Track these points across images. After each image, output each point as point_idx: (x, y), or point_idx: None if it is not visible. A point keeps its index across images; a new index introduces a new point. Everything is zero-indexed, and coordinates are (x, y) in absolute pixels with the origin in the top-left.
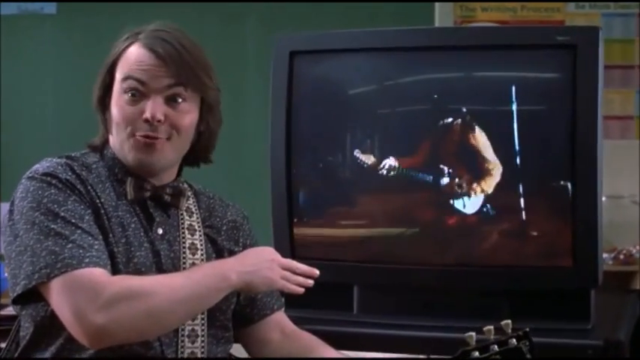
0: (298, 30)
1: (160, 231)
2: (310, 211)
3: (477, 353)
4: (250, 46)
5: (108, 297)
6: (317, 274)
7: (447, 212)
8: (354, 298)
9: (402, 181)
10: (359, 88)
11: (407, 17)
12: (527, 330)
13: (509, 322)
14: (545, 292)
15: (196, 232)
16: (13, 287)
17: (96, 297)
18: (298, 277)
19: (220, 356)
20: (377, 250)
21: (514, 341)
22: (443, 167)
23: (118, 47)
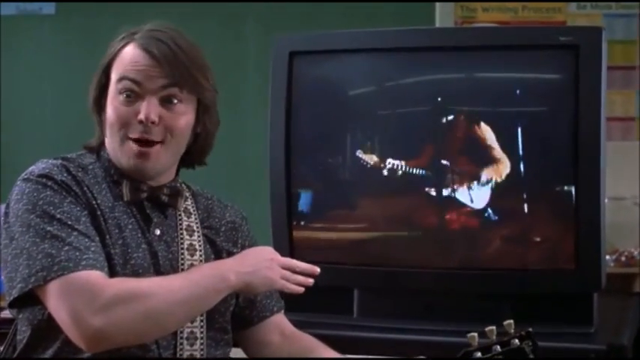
0: (298, 30)
1: (158, 232)
2: (310, 213)
3: (479, 354)
4: (250, 46)
5: (105, 299)
6: (318, 271)
7: (449, 215)
8: (355, 301)
9: (403, 184)
10: (359, 89)
11: (407, 17)
12: (529, 330)
13: (511, 322)
14: (548, 295)
15: (195, 233)
16: (9, 291)
17: (93, 300)
18: (298, 277)
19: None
20: (377, 253)
21: (517, 341)
22: (444, 169)
23: (114, 47)
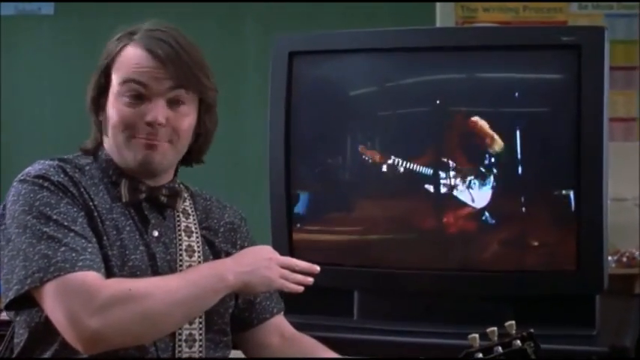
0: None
1: (156, 233)
2: (310, 214)
3: (480, 355)
4: (250, 46)
5: (102, 301)
6: (317, 270)
7: (449, 216)
8: (355, 303)
9: (403, 185)
10: (359, 90)
11: (407, 18)
12: (531, 331)
13: (512, 323)
14: (550, 297)
15: (193, 234)
16: (5, 293)
17: (90, 301)
18: (297, 276)
19: None
20: (378, 254)
21: (518, 342)
22: (445, 170)
23: (112, 48)
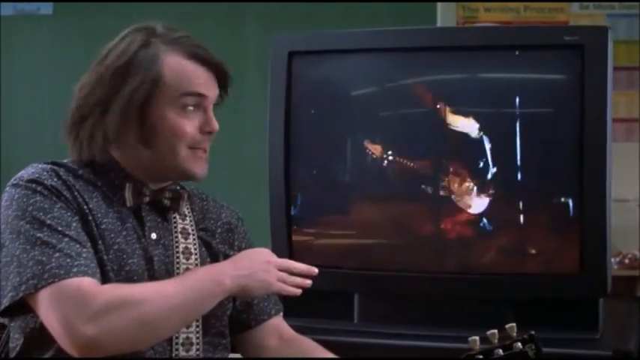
0: (297, 30)
1: (154, 236)
2: (309, 216)
3: (481, 357)
4: (250, 46)
5: (97, 307)
6: (316, 272)
7: (450, 219)
8: (355, 306)
9: (404, 186)
10: (359, 90)
11: (408, 18)
12: (532, 333)
13: (513, 325)
14: (552, 300)
15: (190, 236)
16: (0, 300)
17: (85, 307)
18: (295, 279)
19: None
20: (378, 257)
21: (519, 345)
22: (445, 172)
23: (151, 56)
